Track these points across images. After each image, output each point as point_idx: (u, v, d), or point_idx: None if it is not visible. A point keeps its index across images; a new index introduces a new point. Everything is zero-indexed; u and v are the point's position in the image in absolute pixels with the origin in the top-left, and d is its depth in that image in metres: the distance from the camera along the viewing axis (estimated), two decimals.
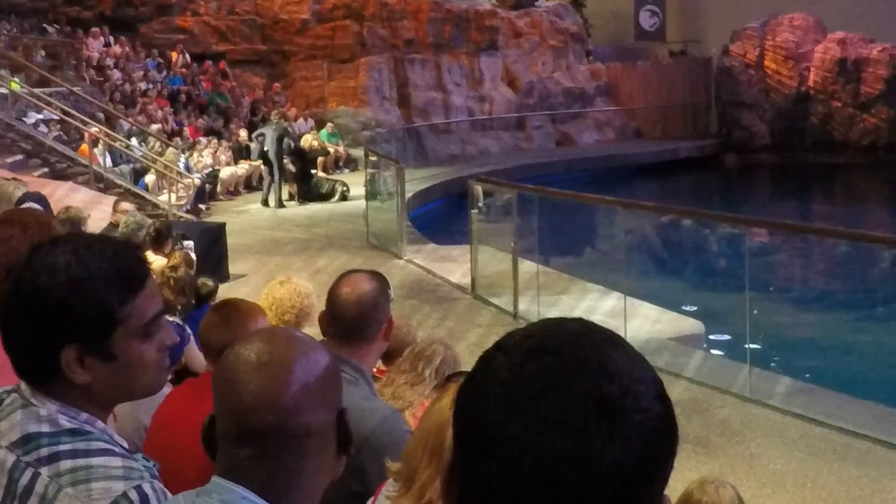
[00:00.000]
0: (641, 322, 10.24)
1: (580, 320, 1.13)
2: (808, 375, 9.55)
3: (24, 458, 1.87)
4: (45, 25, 25.59)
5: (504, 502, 1.03)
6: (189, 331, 5.97)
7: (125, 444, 1.97)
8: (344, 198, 20.87)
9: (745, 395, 8.15)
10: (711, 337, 10.57)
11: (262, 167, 21.02)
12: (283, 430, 1.66)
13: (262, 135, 20.85)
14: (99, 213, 10.30)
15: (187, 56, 27.18)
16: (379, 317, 3.24)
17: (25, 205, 6.53)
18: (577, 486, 1.01)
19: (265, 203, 20.28)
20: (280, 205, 20.22)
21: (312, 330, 3.33)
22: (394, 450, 2.71)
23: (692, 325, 10.57)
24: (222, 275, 12.50)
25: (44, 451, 1.87)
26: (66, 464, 1.85)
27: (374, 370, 4.68)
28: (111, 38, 25.67)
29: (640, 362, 1.09)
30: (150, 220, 9.32)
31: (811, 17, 34.51)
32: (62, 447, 1.87)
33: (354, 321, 3.19)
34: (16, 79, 19.83)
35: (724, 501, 3.46)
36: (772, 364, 10.05)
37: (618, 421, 1.02)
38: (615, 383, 1.04)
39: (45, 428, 1.89)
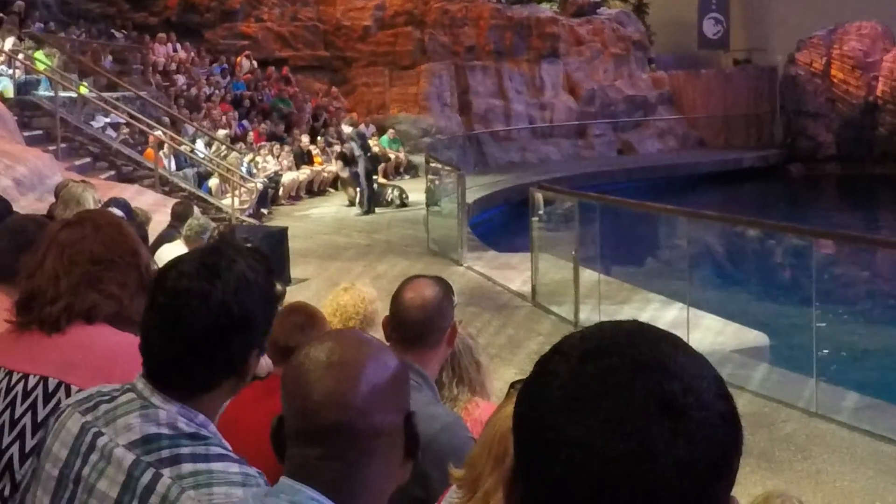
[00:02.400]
0: (704, 333, 10.10)
1: (636, 321, 1.12)
2: (876, 391, 9.33)
3: (144, 458, 1.90)
4: (112, 31, 25.99)
5: None
6: None
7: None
8: (403, 204, 20.92)
9: (811, 410, 7.99)
10: (776, 349, 10.38)
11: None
12: (352, 429, 1.65)
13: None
14: (163, 216, 10.39)
15: (253, 62, 27.46)
16: (443, 323, 3.22)
17: (109, 209, 6.60)
18: (644, 486, 0.99)
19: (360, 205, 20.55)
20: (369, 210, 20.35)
21: (376, 335, 3.30)
22: (457, 456, 2.69)
23: (756, 338, 10.41)
24: (284, 279, 12.57)
25: (165, 453, 1.91)
26: (187, 467, 1.88)
27: None
28: (177, 44, 25.99)
29: (700, 360, 1.08)
30: (213, 224, 9.39)
31: (880, 25, 33.92)
32: (183, 450, 1.91)
33: (418, 327, 3.17)
34: (84, 83, 20.16)
35: None
36: (839, 378, 9.84)
37: (681, 419, 1.01)
38: (676, 381, 1.03)
39: (165, 430, 1.94)
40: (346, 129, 21.51)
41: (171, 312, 1.99)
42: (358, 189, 20.84)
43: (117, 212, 6.31)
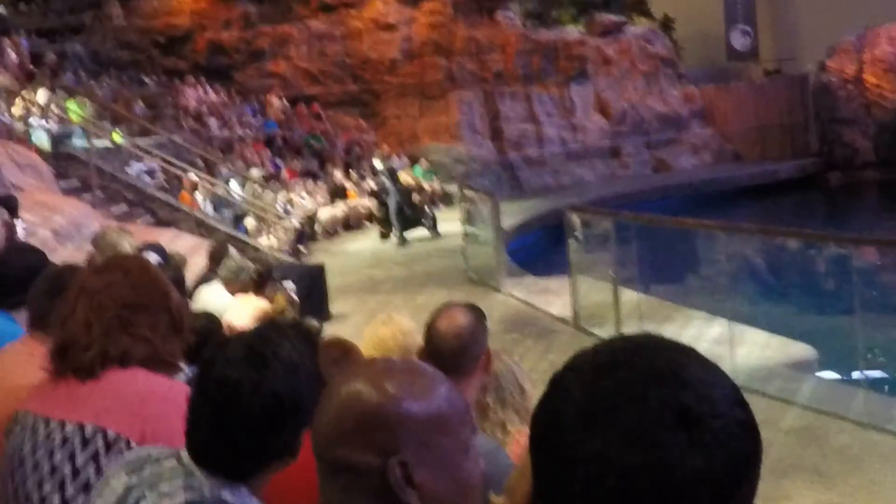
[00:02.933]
0: (750, 348, 9.99)
1: (648, 334, 1.12)
2: None
3: None
4: (142, 77, 26.35)
5: None
6: None
7: None
8: (433, 226, 20.92)
9: (863, 421, 7.85)
10: (824, 361, 10.23)
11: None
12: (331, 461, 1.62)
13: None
14: (200, 259, 10.45)
15: (284, 100, 27.70)
16: (477, 350, 3.22)
17: (144, 254, 6.65)
18: (662, 499, 0.99)
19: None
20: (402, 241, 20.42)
21: None
22: (497, 484, 2.66)
23: (803, 350, 10.26)
24: (324, 314, 12.61)
25: None
26: None
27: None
28: (207, 87, 26.29)
29: (715, 370, 1.07)
30: (251, 264, 9.42)
31: None
32: None
33: (453, 355, 3.16)
34: (117, 130, 20.42)
35: None
36: (889, 388, 9.68)
37: (697, 429, 1.00)
38: (691, 391, 1.02)
39: (209, 498, 1.95)
40: (378, 164, 21.65)
41: (220, 404, 2.00)
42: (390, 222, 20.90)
43: (153, 256, 6.36)
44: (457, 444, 1.63)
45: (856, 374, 8.44)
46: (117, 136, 19.95)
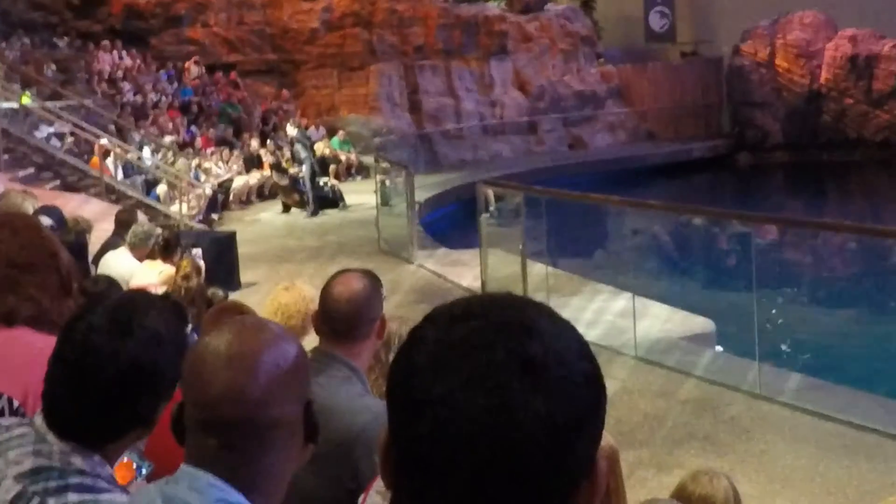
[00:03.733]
0: (652, 321, 10.21)
1: (507, 292, 1.17)
2: (817, 371, 9.49)
3: (31, 488, 1.89)
4: (55, 40, 25.72)
5: (436, 462, 1.05)
6: (196, 339, 6.01)
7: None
8: (336, 201, 20.79)
9: (756, 392, 8.11)
10: (722, 335, 10.52)
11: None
12: (251, 422, 1.66)
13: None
14: (109, 225, 10.31)
15: (202, 67, 27.29)
16: (371, 315, 3.25)
17: (38, 218, 6.56)
18: (504, 441, 1.03)
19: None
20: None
21: None
22: None
23: (703, 324, 10.52)
24: (234, 283, 12.53)
25: (52, 484, 1.89)
26: (73, 496, 1.88)
27: None
28: (122, 52, 25.77)
29: (564, 325, 1.12)
30: (159, 230, 9.34)
31: (821, 15, 34.40)
32: (71, 480, 1.90)
33: (347, 319, 3.20)
34: (27, 93, 19.95)
35: (719, 493, 3.43)
36: (781, 361, 9.99)
37: (541, 376, 1.05)
38: (538, 342, 1.07)
39: (57, 464, 1.92)
40: (291, 130, 21.33)
41: (78, 369, 1.96)
42: (300, 193, 20.60)
43: (46, 220, 6.27)
44: None
45: (751, 348, 8.69)
46: (26, 99, 19.49)
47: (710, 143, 35.23)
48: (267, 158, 23.52)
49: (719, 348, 9.96)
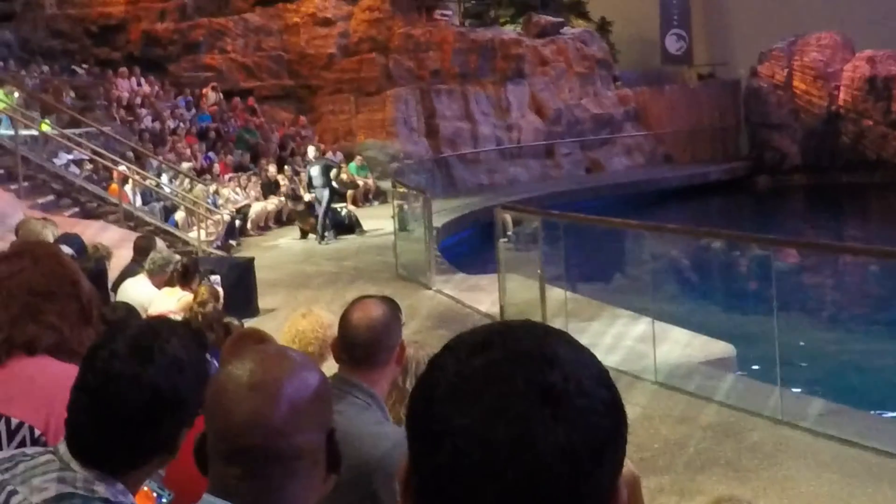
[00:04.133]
0: (672, 346, 10.15)
1: (527, 320, 1.17)
2: (839, 396, 9.41)
3: None
4: (73, 67, 25.93)
5: (457, 493, 1.05)
6: (216, 366, 6.01)
7: None
8: (352, 227, 20.71)
9: (777, 418, 8.03)
10: (743, 360, 10.44)
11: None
12: (273, 450, 1.66)
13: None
14: (128, 252, 10.36)
15: (219, 93, 27.45)
16: (390, 342, 3.24)
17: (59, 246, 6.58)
18: (525, 472, 1.03)
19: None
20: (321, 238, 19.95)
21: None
22: None
23: (723, 349, 10.45)
24: (252, 309, 12.55)
25: None
26: None
27: None
28: (141, 79, 25.95)
29: (584, 352, 1.12)
30: (177, 257, 9.38)
31: (839, 36, 34.36)
32: None
33: (366, 347, 3.18)
34: (47, 120, 20.09)
35: None
36: (803, 386, 9.92)
37: (561, 406, 1.05)
38: (557, 371, 1.07)
39: (81, 491, 1.93)
40: (311, 153, 21.23)
41: (101, 395, 1.98)
42: (317, 218, 20.39)
43: (67, 249, 6.29)
44: None
45: (772, 373, 8.62)
46: (46, 126, 19.62)
47: (727, 165, 35.18)
48: (284, 184, 23.59)
49: (741, 373, 9.88)
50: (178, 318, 6.55)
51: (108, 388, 1.97)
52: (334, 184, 20.55)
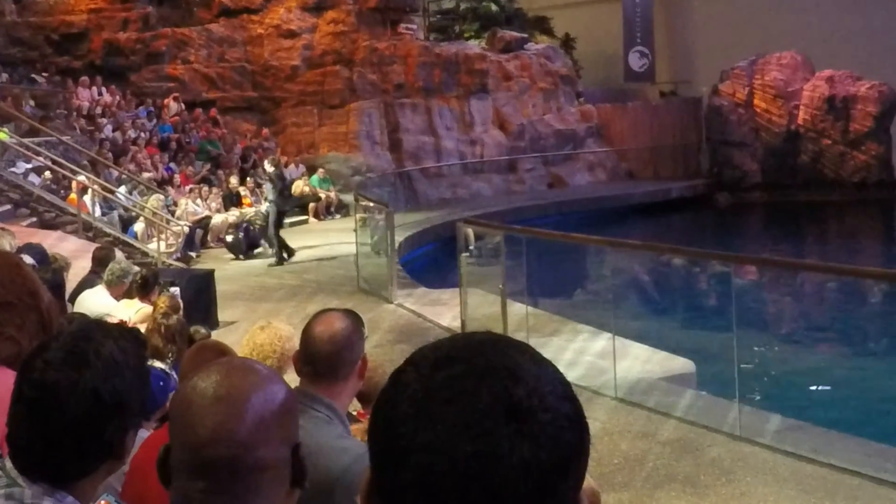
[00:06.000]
0: (632, 362, 10.18)
1: (489, 332, 1.15)
2: (797, 412, 9.48)
3: None
4: (33, 75, 25.69)
5: None
6: (175, 377, 5.95)
7: None
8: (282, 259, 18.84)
9: (736, 434, 8.08)
10: (703, 376, 10.50)
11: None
12: (238, 464, 1.64)
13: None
14: (86, 262, 10.25)
15: (181, 104, 27.28)
16: (352, 356, 3.22)
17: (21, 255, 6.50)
18: (490, 487, 1.02)
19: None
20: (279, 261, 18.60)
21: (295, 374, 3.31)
22: None
23: (683, 365, 10.48)
24: (211, 322, 12.44)
25: None
26: None
27: (356, 413, 4.67)
28: (102, 88, 25.75)
29: (547, 366, 1.11)
30: (136, 268, 9.30)
31: (799, 56, 34.80)
32: None
33: (328, 360, 3.16)
34: (5, 129, 19.88)
35: None
36: (762, 402, 9.98)
37: (526, 421, 1.04)
38: (522, 386, 1.06)
39: None
40: (269, 167, 19.54)
41: (39, 406, 1.93)
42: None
43: (29, 259, 6.22)
44: None
45: (731, 389, 8.68)
46: (3, 135, 19.41)
47: (689, 182, 35.48)
48: (246, 196, 23.48)
49: (701, 391, 9.93)
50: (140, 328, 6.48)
51: (46, 397, 1.92)
52: (275, 200, 18.97)
